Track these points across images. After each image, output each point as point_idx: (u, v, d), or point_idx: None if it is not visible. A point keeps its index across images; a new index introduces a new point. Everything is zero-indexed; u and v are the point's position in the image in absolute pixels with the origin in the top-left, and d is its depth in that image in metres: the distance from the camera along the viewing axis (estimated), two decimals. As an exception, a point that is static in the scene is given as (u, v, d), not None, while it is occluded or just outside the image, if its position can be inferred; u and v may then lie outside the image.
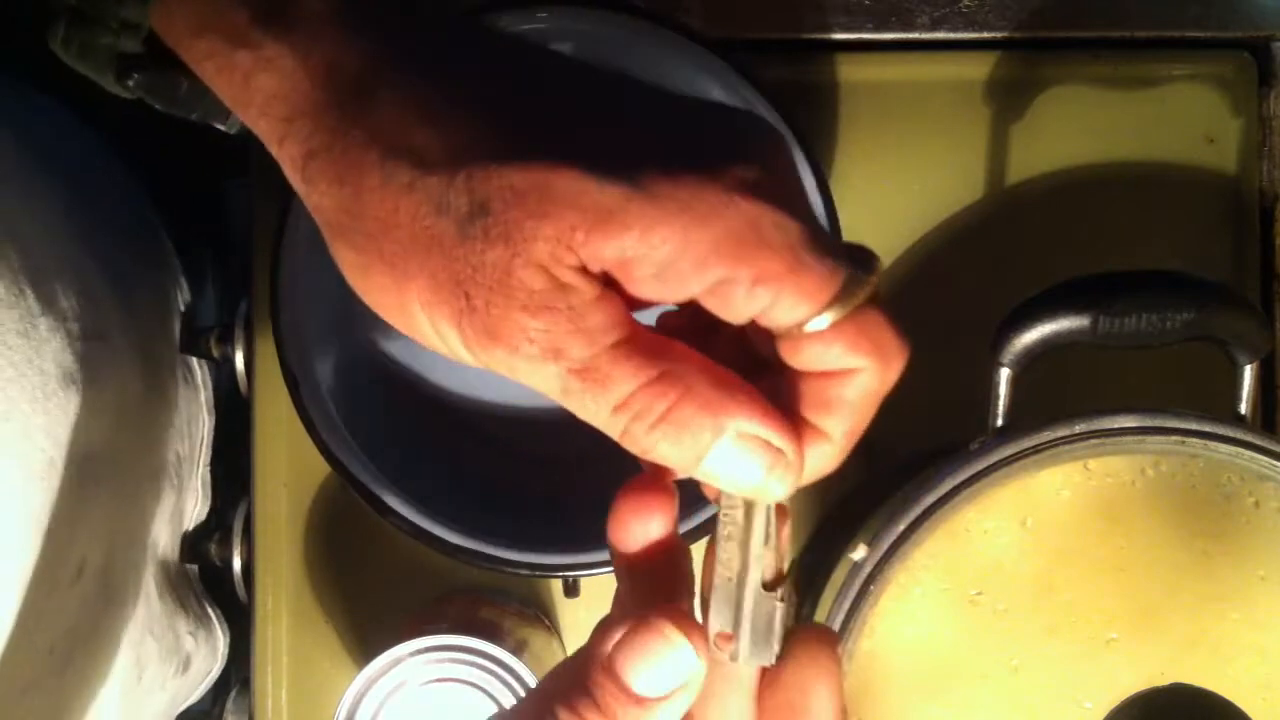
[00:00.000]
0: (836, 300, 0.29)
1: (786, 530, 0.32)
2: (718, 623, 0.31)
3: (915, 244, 0.56)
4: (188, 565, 0.58)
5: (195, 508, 0.58)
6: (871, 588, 0.42)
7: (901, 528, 0.42)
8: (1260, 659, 0.42)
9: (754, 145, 0.30)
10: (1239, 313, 0.43)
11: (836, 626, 0.42)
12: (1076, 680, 0.42)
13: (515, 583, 0.55)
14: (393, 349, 0.54)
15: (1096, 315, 0.42)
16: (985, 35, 0.56)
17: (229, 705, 0.59)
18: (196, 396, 0.58)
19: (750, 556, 0.31)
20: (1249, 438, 0.42)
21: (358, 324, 0.54)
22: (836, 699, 0.30)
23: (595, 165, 0.28)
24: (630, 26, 0.47)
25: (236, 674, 0.62)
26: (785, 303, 0.29)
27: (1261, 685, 0.42)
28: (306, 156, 0.30)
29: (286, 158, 0.31)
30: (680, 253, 0.28)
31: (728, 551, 0.31)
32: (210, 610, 0.60)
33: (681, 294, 0.29)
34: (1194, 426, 0.42)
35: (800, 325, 0.29)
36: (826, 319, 0.29)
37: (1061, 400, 0.43)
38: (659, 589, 0.31)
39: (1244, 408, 0.44)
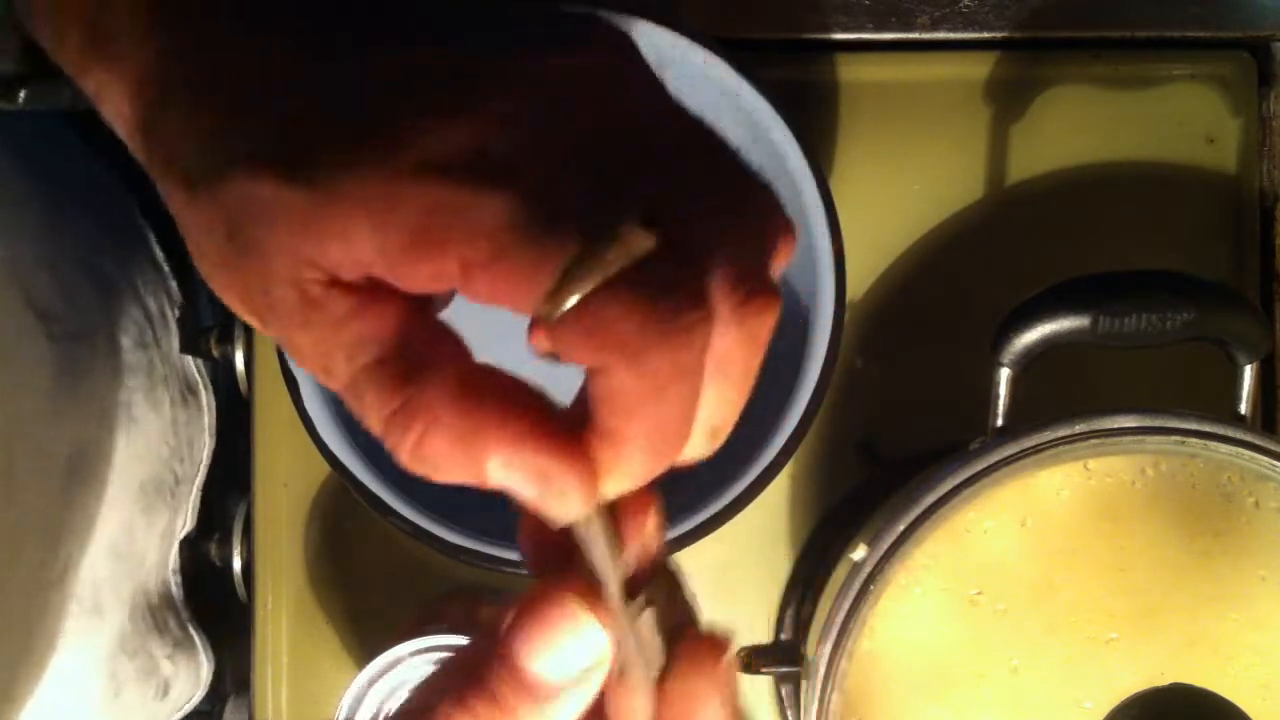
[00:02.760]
0: (562, 287, 0.24)
1: (649, 522, 0.28)
2: None
3: (915, 244, 0.56)
4: (175, 584, 0.58)
5: (183, 528, 0.58)
6: (871, 588, 0.42)
7: (901, 528, 0.42)
8: (1260, 659, 0.42)
9: (466, 104, 0.25)
10: (1239, 313, 0.43)
11: (836, 626, 0.42)
12: (1076, 680, 0.42)
13: (515, 583, 0.55)
14: (393, 349, 0.54)
15: (1096, 315, 0.42)
16: (985, 35, 0.56)
17: (229, 705, 0.59)
18: (199, 419, 0.58)
19: (601, 569, 0.27)
20: (1249, 438, 0.42)
21: (358, 324, 0.54)
22: (725, 710, 0.27)
23: (286, 168, 0.25)
24: (630, 27, 0.47)
25: (236, 675, 0.62)
26: (502, 293, 0.25)
27: (1261, 685, 0.42)
28: (131, 139, 0.29)
29: (134, 146, 0.29)
30: (382, 251, 0.25)
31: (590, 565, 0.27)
32: (195, 634, 0.59)
33: (431, 285, 0.26)
34: (1194, 426, 0.42)
35: (540, 314, 0.25)
36: (558, 309, 0.25)
37: (1061, 400, 0.43)
38: (554, 555, 0.28)
39: (1244, 408, 0.44)
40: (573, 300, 0.24)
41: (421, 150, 0.25)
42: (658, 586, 0.28)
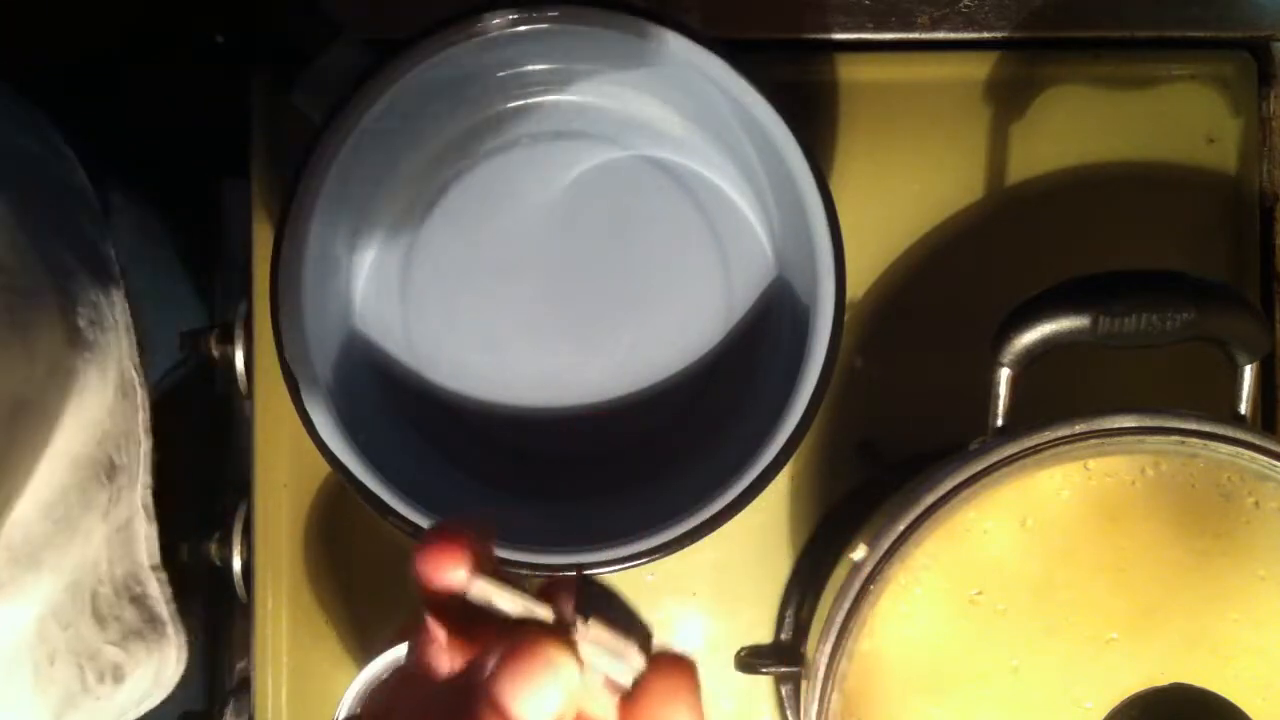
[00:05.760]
0: None
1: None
2: None
3: (915, 244, 0.56)
4: (152, 579, 0.58)
5: (145, 530, 0.58)
6: (871, 588, 0.42)
7: (901, 528, 0.42)
8: (1260, 659, 0.42)
9: None
10: (1239, 313, 0.43)
11: (836, 626, 0.42)
12: (1076, 680, 0.42)
13: (514, 582, 0.55)
14: (393, 349, 0.54)
15: (1096, 315, 0.42)
16: (985, 35, 0.56)
17: (229, 705, 0.59)
18: (135, 415, 0.58)
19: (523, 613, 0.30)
20: (1249, 438, 0.42)
21: (358, 324, 0.54)
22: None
23: None
24: (630, 27, 0.47)
25: (236, 674, 0.62)
26: None
27: (1261, 685, 0.42)
28: None
29: None
30: None
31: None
32: (169, 631, 0.59)
33: None
34: (1194, 426, 0.42)
35: None
36: None
37: (1061, 400, 0.43)
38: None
39: (1244, 408, 0.44)
40: None
41: None
42: (588, 601, 0.30)
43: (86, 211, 0.58)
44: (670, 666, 0.29)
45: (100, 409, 0.55)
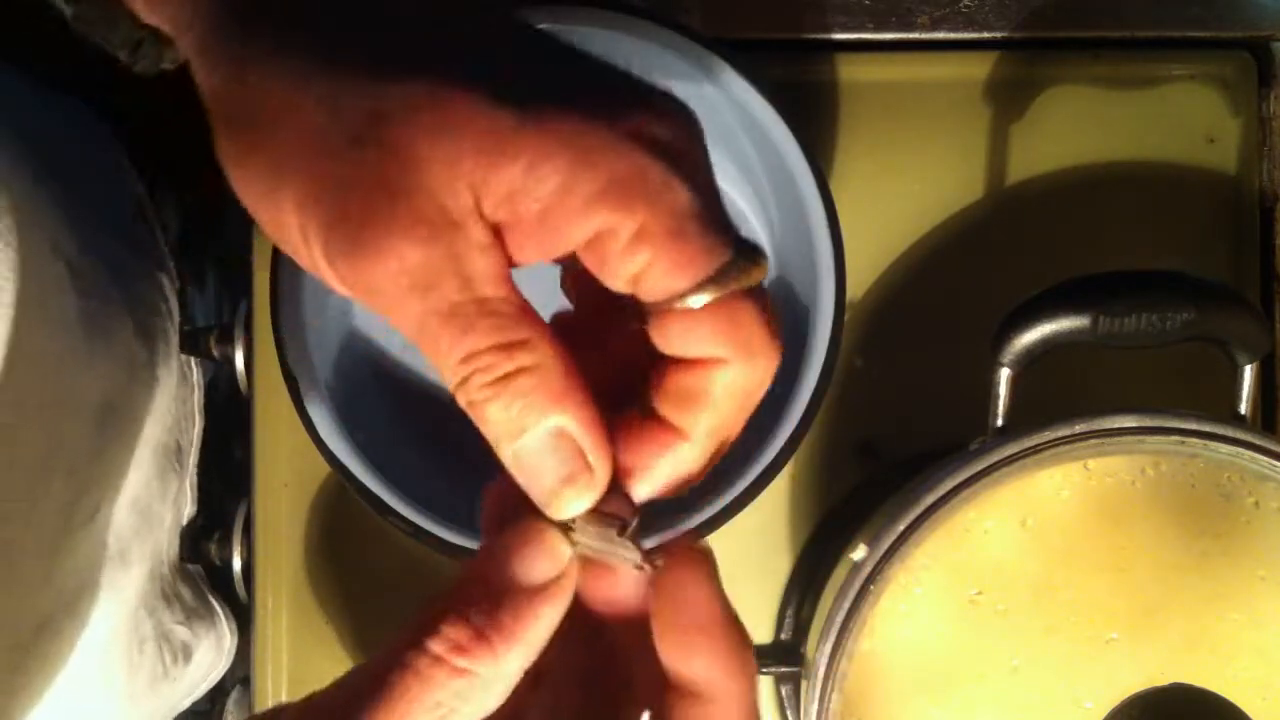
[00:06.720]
0: (711, 280, 0.28)
1: None
2: None
3: (915, 244, 0.56)
4: (189, 565, 0.59)
5: (187, 508, 0.59)
6: (871, 588, 0.42)
7: (901, 528, 0.42)
8: (1260, 659, 0.42)
9: (664, 117, 0.28)
10: (1239, 313, 0.43)
11: (836, 626, 0.42)
12: (1076, 680, 0.42)
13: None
14: (393, 349, 0.54)
15: (1096, 315, 0.42)
16: (985, 35, 0.56)
17: (229, 705, 0.59)
18: (191, 396, 0.59)
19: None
20: (1249, 438, 0.42)
21: (358, 323, 0.54)
22: (713, 588, 0.30)
23: (495, 91, 0.27)
24: (630, 27, 0.47)
25: (236, 674, 0.62)
26: (660, 267, 0.28)
27: (1261, 685, 0.42)
28: (208, 33, 0.29)
29: (192, 41, 0.30)
30: (566, 190, 0.27)
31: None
32: (215, 605, 0.60)
33: (563, 242, 0.28)
34: (1194, 426, 0.42)
35: (673, 299, 0.28)
36: (699, 298, 0.28)
37: (1061, 400, 0.44)
38: None
39: (1244, 408, 0.44)
40: (711, 296, 0.28)
41: (634, 124, 0.27)
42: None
43: (134, 200, 0.59)
44: (684, 557, 0.30)
45: (171, 395, 0.55)
